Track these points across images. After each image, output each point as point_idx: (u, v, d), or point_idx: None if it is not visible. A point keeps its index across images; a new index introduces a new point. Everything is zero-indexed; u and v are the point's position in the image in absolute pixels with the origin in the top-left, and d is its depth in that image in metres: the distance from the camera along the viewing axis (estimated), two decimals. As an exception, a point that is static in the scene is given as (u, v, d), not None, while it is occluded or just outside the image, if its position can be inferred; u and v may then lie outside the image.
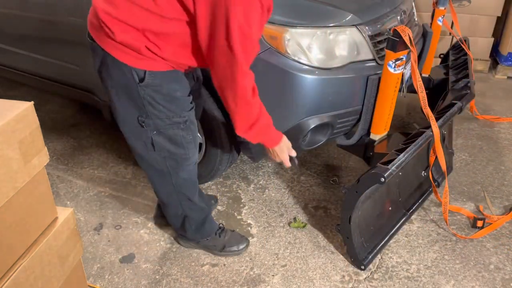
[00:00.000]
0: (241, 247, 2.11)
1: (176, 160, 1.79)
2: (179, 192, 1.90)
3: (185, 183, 1.89)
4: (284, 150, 1.80)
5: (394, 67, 1.95)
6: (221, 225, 2.17)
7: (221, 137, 2.22)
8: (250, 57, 1.52)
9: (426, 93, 2.10)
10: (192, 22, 1.47)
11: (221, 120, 2.18)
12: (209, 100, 2.13)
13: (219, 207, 2.41)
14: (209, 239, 2.09)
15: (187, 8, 1.43)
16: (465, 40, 3.08)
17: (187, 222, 2.01)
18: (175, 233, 2.19)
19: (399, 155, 1.88)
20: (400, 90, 2.08)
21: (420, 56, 2.59)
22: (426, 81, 2.85)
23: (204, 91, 2.13)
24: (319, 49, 2.00)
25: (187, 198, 1.93)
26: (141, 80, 1.56)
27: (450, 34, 3.90)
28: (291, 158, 1.84)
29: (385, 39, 2.10)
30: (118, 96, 1.65)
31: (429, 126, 2.03)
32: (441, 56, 3.27)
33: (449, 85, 2.62)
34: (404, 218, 2.24)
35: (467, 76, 2.62)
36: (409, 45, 1.91)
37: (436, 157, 2.14)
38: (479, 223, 2.25)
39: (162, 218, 2.25)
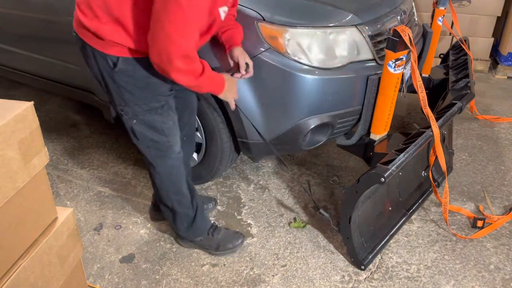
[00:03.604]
0: (236, 243, 2.10)
1: (160, 149, 1.83)
2: (167, 182, 1.93)
3: (172, 172, 1.91)
4: (231, 90, 1.81)
5: (394, 67, 1.95)
6: (214, 223, 2.17)
7: (221, 137, 2.22)
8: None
9: (426, 93, 2.10)
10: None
11: (221, 120, 2.18)
12: (210, 100, 2.14)
13: (219, 207, 2.41)
14: (202, 239, 2.09)
15: None
16: (465, 40, 3.08)
17: (178, 219, 2.03)
18: (175, 233, 2.19)
19: (399, 155, 1.88)
20: (400, 90, 2.08)
21: (420, 56, 2.59)
22: (426, 81, 2.85)
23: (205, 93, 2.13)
24: (319, 49, 2.00)
25: (175, 191, 1.96)
26: (115, 65, 1.62)
27: (450, 34, 3.90)
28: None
29: (385, 39, 2.10)
30: (102, 85, 1.72)
31: (429, 126, 2.03)
32: (441, 56, 3.27)
33: (449, 85, 2.62)
34: (404, 218, 2.24)
35: (467, 76, 2.62)
36: (409, 45, 1.91)
37: (436, 157, 2.14)
38: (479, 223, 2.25)
39: (156, 213, 2.26)
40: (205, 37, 1.67)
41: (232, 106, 1.86)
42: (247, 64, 1.87)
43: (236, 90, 1.85)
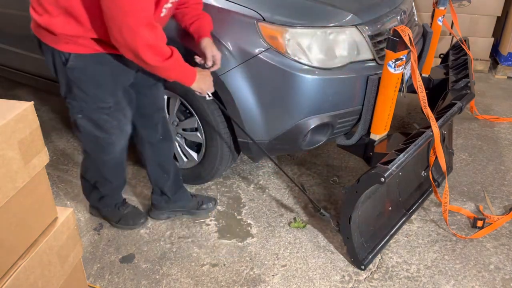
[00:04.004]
0: (137, 221, 2.24)
1: (101, 144, 1.87)
2: (97, 170, 2.02)
3: (106, 165, 1.98)
4: (205, 82, 1.82)
5: (394, 67, 1.95)
6: (125, 199, 2.27)
7: (221, 137, 2.22)
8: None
9: (426, 93, 2.10)
10: None
11: (221, 120, 2.18)
12: (209, 100, 2.13)
13: (219, 207, 2.41)
14: (108, 210, 2.22)
15: None
16: (465, 40, 3.08)
17: (93, 193, 2.16)
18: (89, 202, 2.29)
19: (399, 155, 1.88)
20: (400, 90, 2.08)
21: (420, 56, 2.59)
22: (426, 81, 2.85)
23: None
24: (319, 49, 2.00)
25: (102, 176, 2.03)
26: (66, 61, 1.65)
27: (450, 34, 3.90)
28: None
29: (385, 39, 2.10)
30: (56, 78, 1.77)
31: (429, 126, 2.03)
32: (441, 56, 3.27)
33: (449, 85, 2.62)
34: (404, 218, 2.24)
35: (467, 76, 2.62)
36: (409, 45, 1.91)
37: (436, 157, 2.14)
38: (479, 223, 2.25)
39: (156, 211, 2.32)
40: (156, 12, 1.63)
41: (203, 94, 1.86)
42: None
43: (210, 83, 1.84)
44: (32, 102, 1.14)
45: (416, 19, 2.73)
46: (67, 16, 1.58)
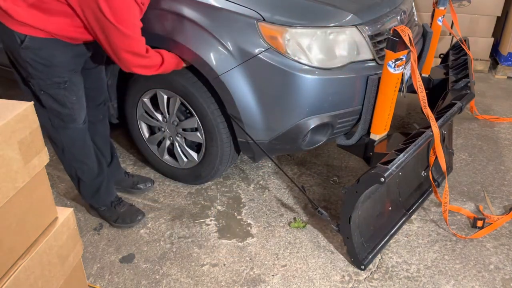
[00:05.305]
0: (134, 219, 2.26)
1: (63, 120, 1.93)
2: (68, 152, 2.04)
3: (73, 143, 2.02)
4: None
5: (394, 67, 1.95)
6: (120, 198, 2.31)
7: (221, 137, 2.22)
8: (127, 20, 1.67)
9: (426, 93, 2.10)
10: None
11: (221, 120, 2.18)
12: (209, 100, 2.14)
13: (219, 207, 2.41)
14: (105, 209, 2.26)
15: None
16: (465, 40, 3.08)
17: (82, 185, 2.17)
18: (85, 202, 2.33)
19: (399, 155, 1.88)
20: (400, 90, 2.08)
21: (420, 56, 2.59)
22: (426, 81, 2.85)
23: (205, 93, 2.13)
24: (319, 49, 2.00)
25: (76, 159, 2.06)
26: (22, 42, 1.71)
27: (450, 34, 3.90)
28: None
29: (385, 39, 2.10)
30: (9, 59, 1.83)
31: (429, 126, 2.03)
32: (441, 56, 3.27)
33: (449, 85, 2.62)
34: (404, 218, 2.24)
35: (467, 76, 2.63)
36: (409, 45, 1.91)
37: (436, 157, 2.14)
38: (479, 223, 2.25)
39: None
40: None
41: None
42: None
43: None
44: (32, 102, 1.14)
45: (416, 19, 2.73)
46: (31, 9, 1.64)
